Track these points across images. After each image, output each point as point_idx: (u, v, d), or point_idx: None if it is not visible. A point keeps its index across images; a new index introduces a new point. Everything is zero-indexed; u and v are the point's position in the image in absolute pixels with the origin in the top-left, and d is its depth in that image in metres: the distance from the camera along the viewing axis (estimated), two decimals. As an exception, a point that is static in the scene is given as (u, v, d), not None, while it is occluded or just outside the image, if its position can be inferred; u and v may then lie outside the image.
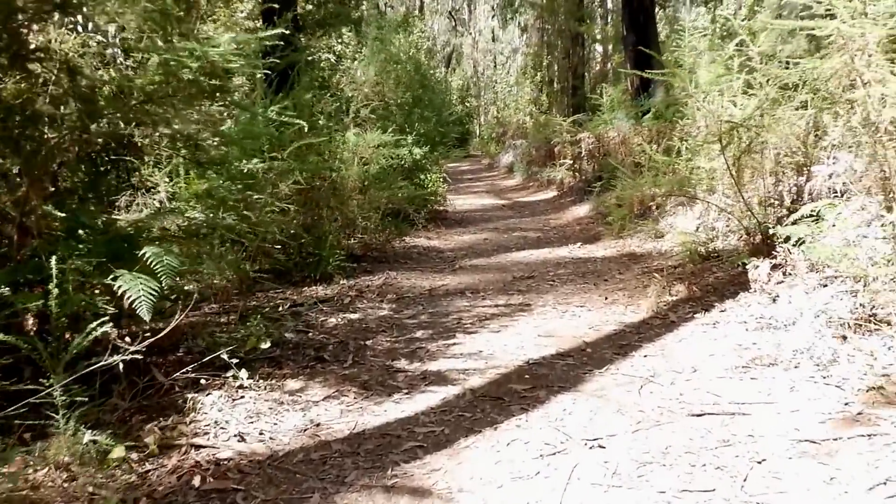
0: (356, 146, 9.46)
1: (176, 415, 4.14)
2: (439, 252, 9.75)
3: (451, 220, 13.25)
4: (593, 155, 14.86)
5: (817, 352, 4.51)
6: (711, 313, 5.82)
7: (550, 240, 10.57)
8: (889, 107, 4.97)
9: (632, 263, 8.21)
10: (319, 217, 8.32)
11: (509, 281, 7.65)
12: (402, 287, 7.52)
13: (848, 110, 5.52)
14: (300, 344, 5.45)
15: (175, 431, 3.91)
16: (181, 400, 4.32)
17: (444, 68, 43.94)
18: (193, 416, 4.13)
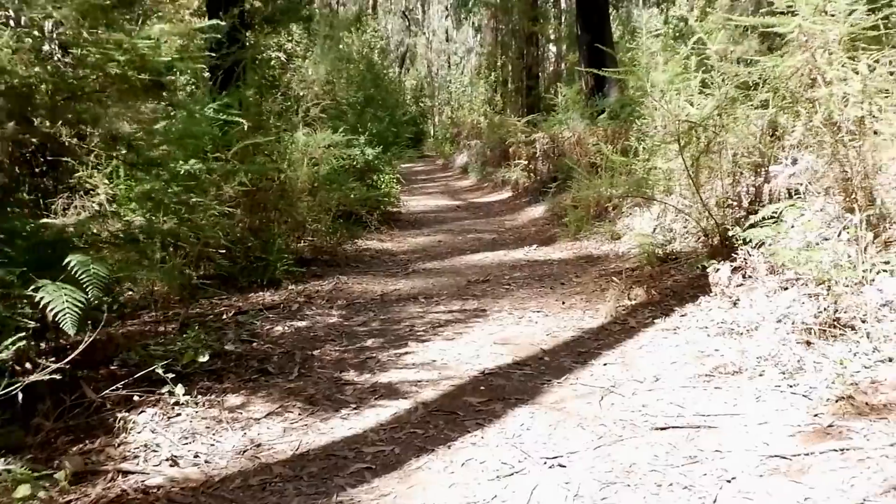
0: (306, 146, 9.17)
1: (105, 436, 3.84)
2: (392, 255, 9.49)
3: (405, 221, 12.99)
4: (548, 155, 14.70)
5: (782, 359, 4.33)
6: (671, 318, 5.65)
7: (506, 242, 10.36)
8: (852, 105, 4.82)
9: (589, 266, 8.03)
10: (267, 220, 8.02)
11: (464, 285, 7.42)
12: (352, 292, 7.25)
13: (809, 109, 5.37)
14: (243, 355, 5.16)
15: (102, 455, 3.62)
16: (112, 419, 4.01)
17: (398, 68, 43.67)
18: (124, 437, 3.83)
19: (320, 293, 7.17)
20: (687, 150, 6.52)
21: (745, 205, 6.93)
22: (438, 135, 33.63)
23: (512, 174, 15.96)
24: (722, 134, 6.46)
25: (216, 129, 6.99)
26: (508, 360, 4.94)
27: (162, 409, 4.16)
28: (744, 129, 6.53)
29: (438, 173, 24.42)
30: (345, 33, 19.38)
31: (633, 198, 7.67)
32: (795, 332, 4.70)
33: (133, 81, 4.17)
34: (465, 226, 12.27)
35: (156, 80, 4.48)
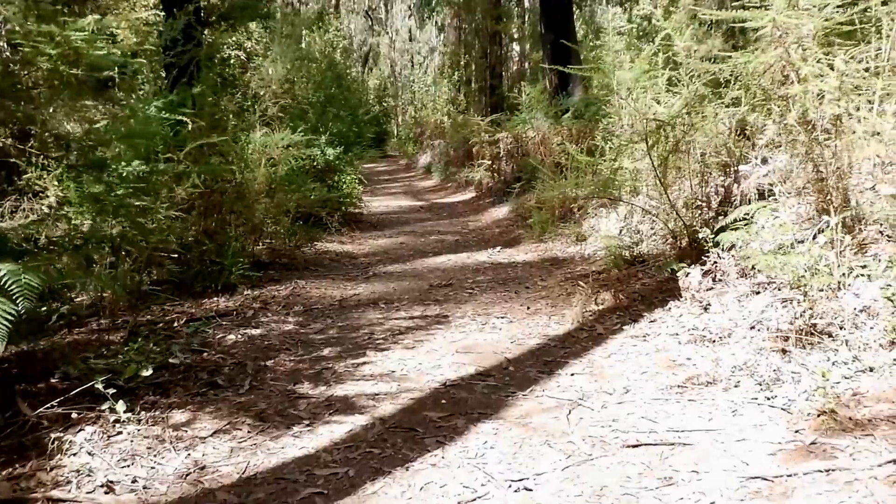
0: (263, 146, 8.86)
1: (38, 458, 3.54)
2: (353, 258, 9.21)
3: (367, 223, 12.71)
4: (512, 155, 14.49)
5: (758, 369, 4.13)
6: (640, 324, 5.44)
7: (469, 243, 10.12)
8: (828, 103, 4.64)
9: (554, 269, 7.81)
10: (223, 223, 7.71)
11: (426, 289, 7.17)
12: (310, 297, 6.97)
13: (782, 107, 5.19)
14: (193, 366, 4.86)
15: (32, 481, 3.32)
16: (47, 439, 3.70)
17: (361, 68, 43.28)
18: (59, 458, 3.53)
19: (277, 299, 6.87)
20: (655, 149, 6.32)
21: (713, 206, 6.76)
22: (402, 134, 33.31)
23: (475, 174, 15.73)
24: (691, 133, 6.26)
25: (167, 128, 6.67)
26: (471, 370, 4.70)
27: (101, 428, 3.87)
28: (713, 127, 6.35)
29: (401, 173, 24.15)
30: (306, 32, 19.01)
31: (599, 199, 7.45)
32: (770, 340, 4.51)
33: (68, 78, 3.85)
34: (428, 227, 12.02)
35: (94, 76, 4.15)
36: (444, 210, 14.46)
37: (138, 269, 6.53)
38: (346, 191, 12.93)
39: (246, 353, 5.21)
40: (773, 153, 6.29)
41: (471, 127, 16.78)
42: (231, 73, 12.23)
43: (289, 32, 12.46)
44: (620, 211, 8.47)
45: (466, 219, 12.87)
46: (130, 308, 6.17)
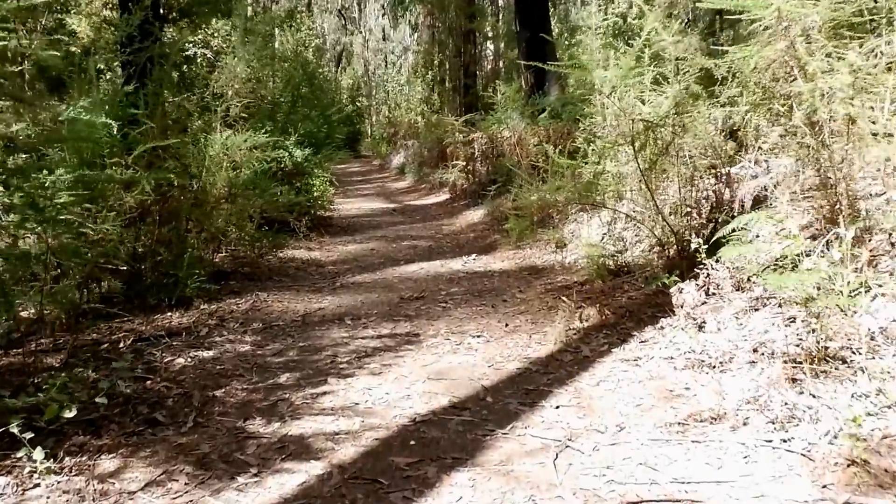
0: (225, 148, 8.26)
1: (-67, 521, 2.97)
2: (320, 266, 8.64)
3: (337, 227, 12.14)
4: (487, 156, 13.97)
5: (768, 402, 3.63)
6: (630, 344, 4.93)
7: (443, 250, 9.58)
8: (840, 101, 4.14)
9: (533, 279, 7.29)
10: (179, 231, 7.12)
11: (396, 303, 6.61)
12: (271, 312, 6.39)
13: (785, 106, 4.69)
14: (132, 398, 4.28)
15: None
16: (-50, 493, 3.14)
17: (334, 68, 42.65)
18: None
19: (235, 314, 6.30)
20: (642, 152, 5.81)
21: (704, 212, 6.27)
22: (376, 134, 32.73)
23: (449, 175, 15.22)
24: (681, 134, 5.76)
25: (113, 130, 6.09)
26: (444, 401, 4.16)
27: (17, 479, 3.30)
28: (705, 128, 5.86)
29: (375, 174, 23.56)
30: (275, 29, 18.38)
31: (580, 204, 6.92)
32: (777, 366, 4.01)
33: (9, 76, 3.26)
34: (401, 231, 11.45)
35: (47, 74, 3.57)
36: (417, 213, 13.91)
37: (82, 283, 5.96)
38: (315, 194, 12.37)
39: (194, 380, 4.64)
40: (771, 156, 5.82)
41: (445, 127, 16.26)
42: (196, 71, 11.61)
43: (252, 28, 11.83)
44: (603, 217, 7.97)
45: (440, 222, 12.32)
46: (72, 327, 5.60)
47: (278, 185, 10.93)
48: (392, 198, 16.76)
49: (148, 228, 6.93)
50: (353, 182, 20.89)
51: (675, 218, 6.22)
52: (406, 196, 16.98)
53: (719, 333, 4.80)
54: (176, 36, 11.06)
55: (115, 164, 6.23)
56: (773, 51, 4.56)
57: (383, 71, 39.15)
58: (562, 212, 9.37)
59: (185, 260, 6.62)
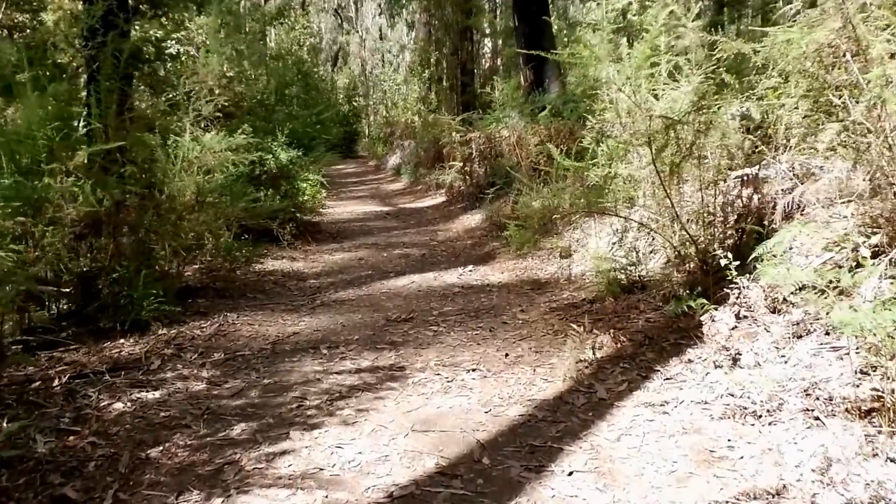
0: (196, 151, 7.41)
1: None
2: (301, 279, 7.79)
3: (326, 233, 11.28)
4: (485, 157, 13.13)
5: (846, 480, 2.79)
6: (653, 382, 4.10)
7: (437, 259, 8.74)
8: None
9: (536, 295, 6.46)
10: (139, 244, 6.29)
11: (381, 325, 5.77)
12: (238, 338, 5.56)
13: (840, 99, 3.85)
14: (44, 461, 3.44)
15: None
16: None
17: (331, 67, 41.85)
18: None
19: (196, 340, 5.46)
20: (663, 153, 4.98)
21: (730, 221, 5.44)
22: (373, 135, 31.83)
23: (446, 177, 14.37)
24: (706, 133, 4.93)
25: (53, 133, 5.27)
26: (430, 464, 3.32)
27: None
28: (731, 125, 5.03)
29: (370, 175, 22.68)
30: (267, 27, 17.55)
31: (588, 211, 6.08)
32: (840, 417, 3.20)
33: None
34: (393, 238, 10.61)
35: None
36: (411, 217, 13.05)
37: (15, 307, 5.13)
38: (303, 198, 11.53)
39: (130, 433, 3.80)
40: (809, 157, 4.98)
41: (441, 126, 15.39)
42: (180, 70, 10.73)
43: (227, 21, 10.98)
44: (611, 223, 7.14)
45: (436, 227, 11.48)
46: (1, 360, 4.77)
47: (262, 189, 10.12)
48: (386, 200, 15.91)
49: (104, 242, 6.11)
50: (348, 184, 20.03)
51: (695, 227, 5.40)
52: (401, 198, 16.12)
53: (759, 370, 3.99)
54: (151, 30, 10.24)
55: (54, 172, 5.39)
56: (824, 32, 3.73)
57: (380, 70, 38.26)
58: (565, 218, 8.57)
59: (141, 278, 5.78)
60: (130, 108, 6.63)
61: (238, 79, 10.51)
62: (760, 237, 5.18)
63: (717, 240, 5.24)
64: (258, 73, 12.45)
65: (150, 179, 6.53)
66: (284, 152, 10.53)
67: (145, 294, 5.76)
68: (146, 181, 6.49)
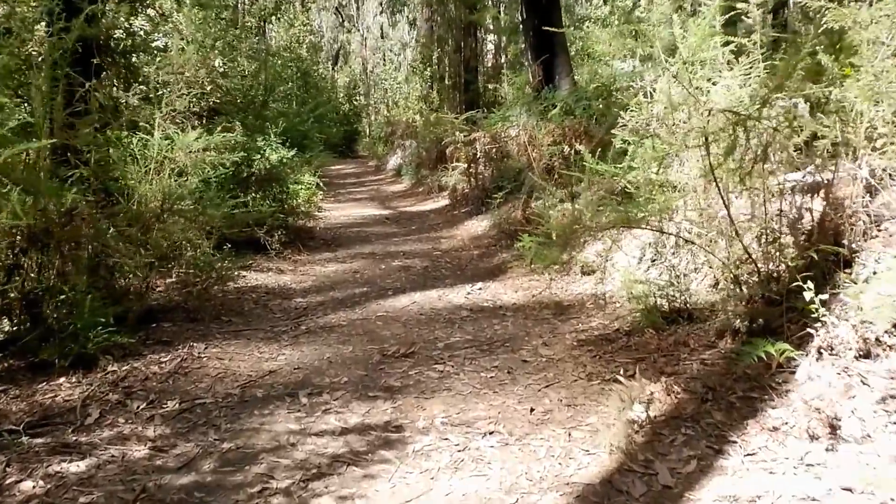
0: (167, 150, 6.34)
1: None
2: (287, 297, 6.74)
3: (320, 239, 10.22)
4: (491, 158, 12.07)
5: None
6: (731, 460, 3.05)
7: (441, 273, 7.68)
8: None
9: (558, 321, 5.42)
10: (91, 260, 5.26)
11: (376, 363, 4.71)
12: (202, 377, 4.51)
13: None
14: None
15: None
16: None
17: (331, 66, 40.83)
18: None
19: (150, 381, 4.42)
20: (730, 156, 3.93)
21: (799, 239, 4.41)
22: (373, 134, 30.74)
23: (449, 179, 13.33)
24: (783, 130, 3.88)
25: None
26: None
27: None
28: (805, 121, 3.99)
29: (370, 176, 21.57)
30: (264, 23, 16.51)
31: (631, 226, 5.02)
32: None
33: None
34: (392, 246, 9.55)
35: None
36: (413, 221, 11.99)
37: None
38: (297, 201, 10.48)
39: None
40: None
41: (444, 126, 14.31)
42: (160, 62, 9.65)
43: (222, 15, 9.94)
44: (641, 236, 6.10)
45: (439, 234, 10.42)
46: None
47: (249, 192, 9.07)
48: (386, 203, 14.83)
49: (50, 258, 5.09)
50: (347, 184, 18.95)
51: (762, 248, 4.37)
52: (402, 201, 15.05)
53: (872, 444, 2.96)
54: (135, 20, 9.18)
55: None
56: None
57: (382, 69, 37.17)
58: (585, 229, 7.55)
59: (87, 303, 4.73)
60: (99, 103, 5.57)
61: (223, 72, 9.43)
62: (836, 259, 4.18)
63: (785, 261, 4.21)
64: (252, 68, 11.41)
65: (105, 183, 5.50)
66: (274, 152, 9.49)
67: (92, 322, 4.72)
68: (101, 185, 5.46)
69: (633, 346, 4.53)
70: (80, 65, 6.17)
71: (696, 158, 4.49)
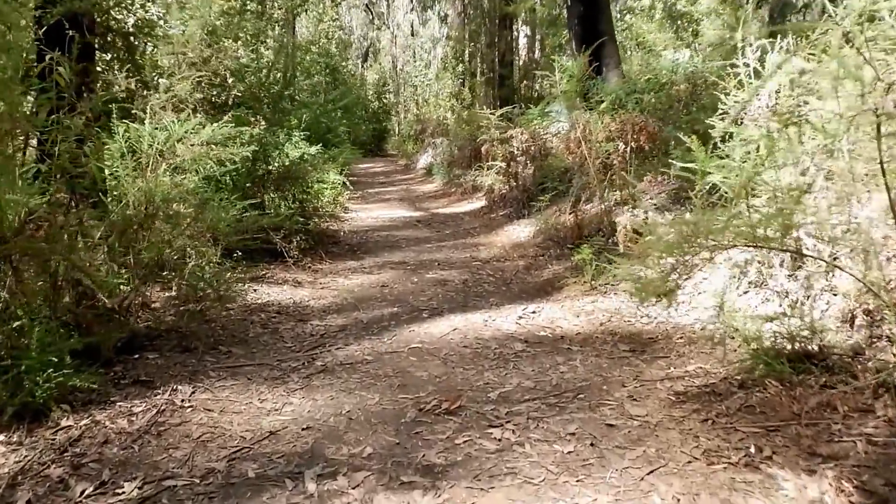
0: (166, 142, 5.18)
1: None
2: (302, 318, 5.55)
3: (345, 244, 9.05)
4: (533, 156, 10.83)
5: None
6: None
7: (484, 289, 6.46)
8: None
9: (640, 361, 4.18)
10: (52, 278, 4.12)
11: (409, 423, 3.50)
12: (180, 440, 3.33)
13: None
14: None
15: None
16: None
17: (361, 63, 39.81)
18: None
19: (112, 445, 3.26)
20: None
21: None
22: (403, 132, 29.51)
23: (485, 178, 12.11)
24: None
25: None
26: None
27: None
28: None
29: (399, 175, 20.34)
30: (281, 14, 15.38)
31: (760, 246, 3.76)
32: None
33: None
34: (425, 253, 8.34)
35: None
36: (447, 225, 10.77)
37: None
38: (318, 202, 9.33)
39: None
40: None
41: (478, 122, 13.07)
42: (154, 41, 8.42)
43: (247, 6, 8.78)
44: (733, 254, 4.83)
45: (476, 239, 9.20)
46: None
47: (265, 192, 7.92)
48: (417, 204, 13.61)
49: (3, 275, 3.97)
50: (375, 184, 17.74)
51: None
52: (433, 202, 13.83)
53: None
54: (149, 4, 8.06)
55: None
56: None
57: (412, 67, 35.97)
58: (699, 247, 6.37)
59: (34, 335, 3.58)
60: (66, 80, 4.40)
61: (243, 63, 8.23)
62: None
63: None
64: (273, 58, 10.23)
65: (72, 182, 4.34)
66: (295, 147, 8.33)
67: (42, 362, 3.56)
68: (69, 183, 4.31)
69: (756, 407, 3.30)
70: (57, 43, 5.03)
71: (847, 152, 3.25)
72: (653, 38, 16.74)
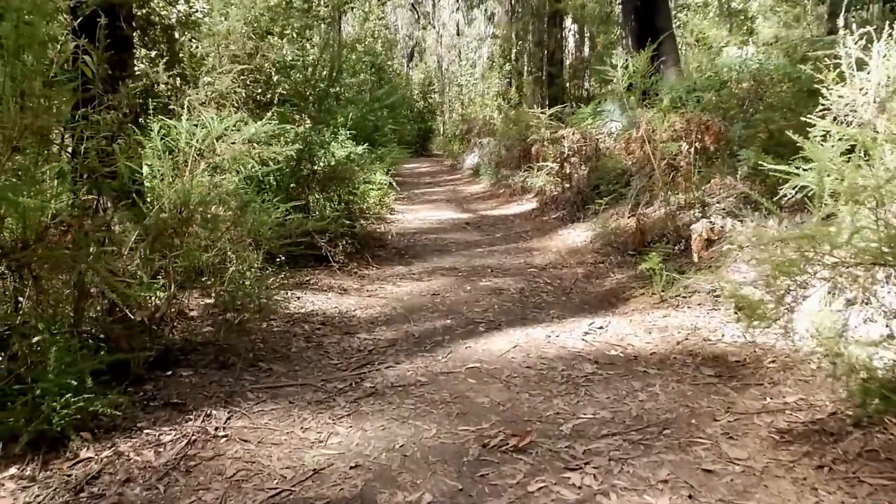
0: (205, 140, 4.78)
1: None
2: (349, 330, 5.11)
3: (392, 248, 8.62)
4: (587, 157, 10.31)
5: None
6: None
7: (543, 299, 5.97)
8: None
9: (730, 389, 3.67)
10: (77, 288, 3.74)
11: (472, 462, 3.03)
12: (212, 479, 2.91)
13: None
14: None
15: None
16: None
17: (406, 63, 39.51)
18: None
19: (135, 483, 2.86)
20: None
21: None
22: (448, 132, 29.05)
23: (536, 179, 11.63)
24: None
25: None
26: None
27: None
28: None
29: (445, 175, 19.88)
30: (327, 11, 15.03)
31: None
32: None
33: None
34: (477, 258, 7.87)
35: None
36: (497, 227, 10.28)
37: None
38: (364, 203, 8.93)
39: None
40: None
41: (527, 122, 12.57)
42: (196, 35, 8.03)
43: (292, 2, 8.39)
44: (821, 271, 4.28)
45: (529, 244, 8.70)
46: None
47: (310, 193, 7.52)
48: (464, 206, 13.14)
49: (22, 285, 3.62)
50: (421, 184, 17.31)
51: None
52: (481, 203, 13.35)
53: None
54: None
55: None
56: None
57: (457, 66, 35.52)
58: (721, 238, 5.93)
59: (53, 356, 3.19)
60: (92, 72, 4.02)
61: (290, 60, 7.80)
62: None
63: None
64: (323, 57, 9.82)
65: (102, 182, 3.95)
66: (342, 146, 7.92)
67: (59, 384, 3.17)
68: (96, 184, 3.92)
69: (879, 452, 2.79)
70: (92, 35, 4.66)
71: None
72: (712, 35, 16.11)
